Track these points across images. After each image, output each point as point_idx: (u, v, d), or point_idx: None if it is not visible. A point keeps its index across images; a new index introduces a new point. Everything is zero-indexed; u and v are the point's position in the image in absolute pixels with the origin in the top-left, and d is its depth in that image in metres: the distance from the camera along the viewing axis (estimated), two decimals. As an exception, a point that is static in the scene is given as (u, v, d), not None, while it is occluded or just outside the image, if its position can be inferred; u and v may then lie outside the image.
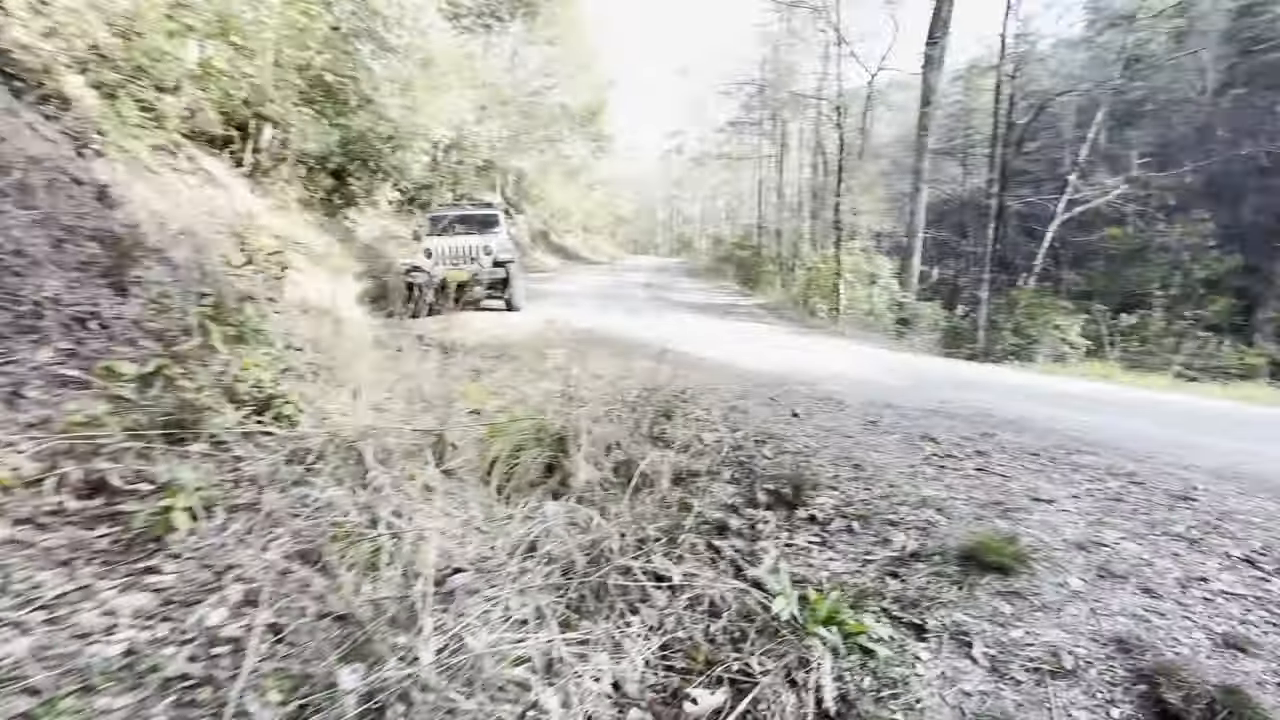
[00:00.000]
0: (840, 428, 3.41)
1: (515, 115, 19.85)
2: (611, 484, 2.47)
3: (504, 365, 5.59)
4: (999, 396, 4.68)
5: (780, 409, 3.91)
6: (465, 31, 19.50)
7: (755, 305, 14.68)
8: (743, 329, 9.61)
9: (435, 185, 20.23)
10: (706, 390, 4.44)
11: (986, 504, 2.23)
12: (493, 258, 9.78)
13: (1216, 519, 2.22)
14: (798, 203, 25.61)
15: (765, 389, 4.53)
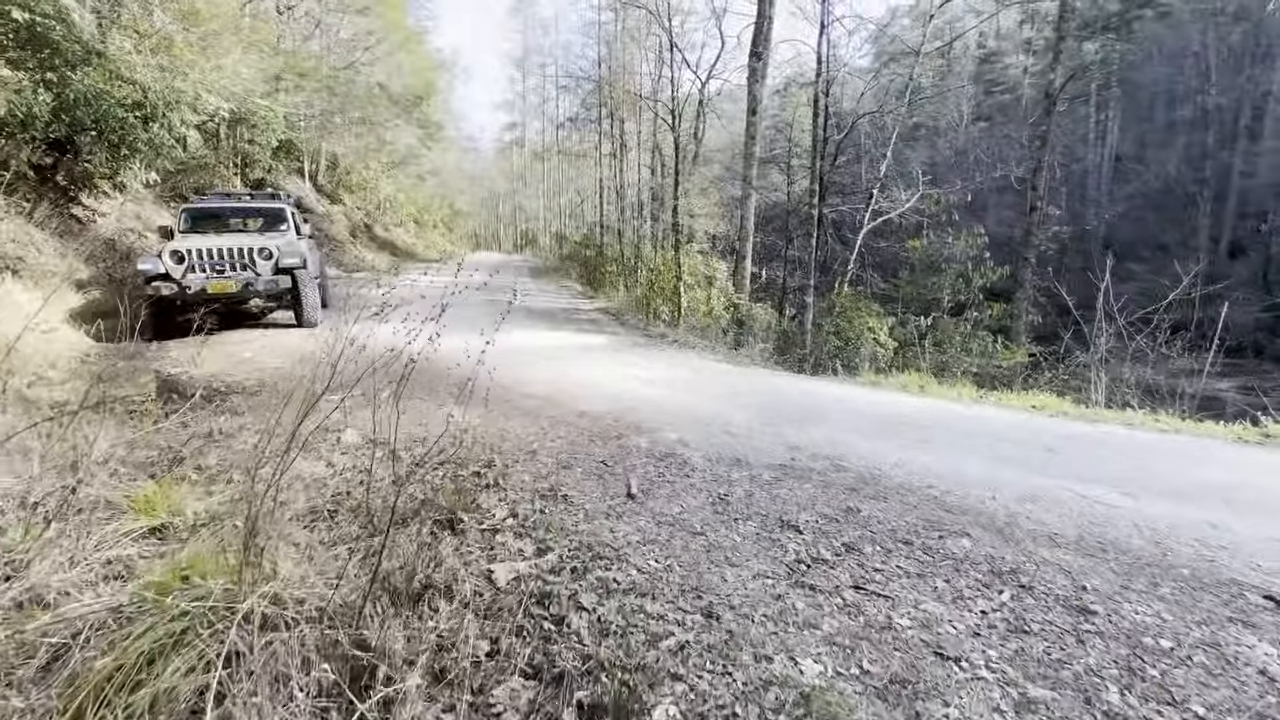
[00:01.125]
0: (686, 517, 2.65)
1: (321, 91, 16.96)
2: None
3: (257, 417, 4.11)
4: (842, 430, 4.31)
5: (613, 483, 3.07)
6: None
7: (598, 310, 13.96)
8: (582, 342, 8.76)
9: (214, 166, 16.69)
10: (522, 455, 3.46)
11: (886, 685, 1.55)
12: (274, 263, 7.81)
13: (1129, 651, 1.77)
14: (638, 203, 25.47)
15: (598, 445, 3.68)
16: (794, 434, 4.15)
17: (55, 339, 6.70)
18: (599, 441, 3.75)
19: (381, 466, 3.11)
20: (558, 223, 38.15)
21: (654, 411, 4.59)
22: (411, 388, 5.24)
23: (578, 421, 4.20)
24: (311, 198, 22.35)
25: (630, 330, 10.79)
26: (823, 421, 4.55)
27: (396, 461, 3.21)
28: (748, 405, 4.98)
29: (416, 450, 3.41)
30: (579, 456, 3.45)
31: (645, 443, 3.77)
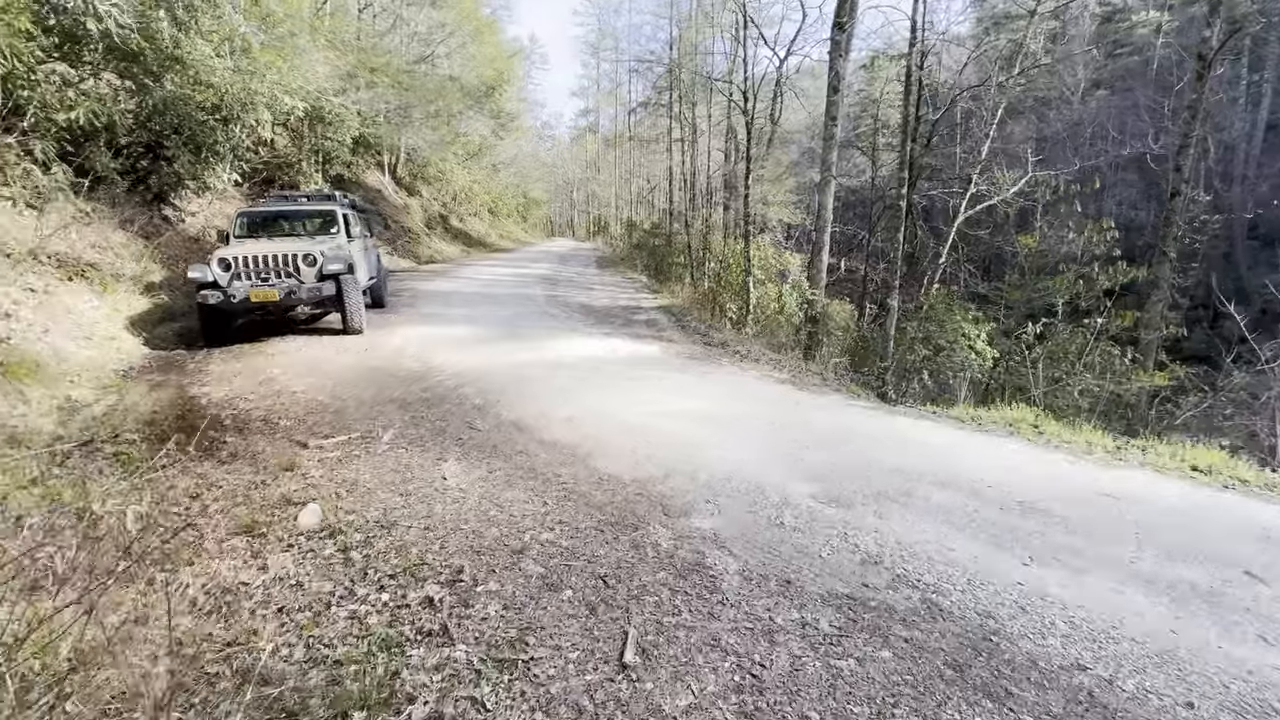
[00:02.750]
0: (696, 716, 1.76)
1: (392, 86, 16.91)
2: None
3: (234, 471, 3.55)
4: (936, 521, 3.21)
5: (606, 628, 2.19)
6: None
7: (659, 308, 13.04)
8: (633, 353, 7.90)
9: (298, 163, 17.08)
10: (505, 557, 2.65)
11: None
12: (318, 270, 7.47)
13: None
14: (709, 190, 24.15)
15: (606, 541, 2.79)
16: (870, 525, 3.11)
17: (111, 348, 6.67)
18: (610, 534, 2.89)
19: (321, 578, 2.39)
20: (628, 210, 37.35)
21: (692, 473, 3.67)
22: (419, 423, 4.62)
23: (593, 494, 3.34)
24: (390, 190, 22.72)
25: (689, 336, 9.81)
26: (910, 500, 3.46)
27: (347, 563, 2.49)
28: (813, 465, 3.95)
29: (376, 544, 2.69)
30: (576, 565, 2.60)
31: (669, 538, 2.87)
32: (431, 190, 26.01)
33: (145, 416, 4.60)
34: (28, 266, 6.85)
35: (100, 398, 5.21)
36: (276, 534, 2.77)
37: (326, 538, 2.72)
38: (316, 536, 2.73)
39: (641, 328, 10.22)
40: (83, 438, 4.03)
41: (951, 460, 4.19)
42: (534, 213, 42.05)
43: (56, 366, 5.55)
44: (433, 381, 5.64)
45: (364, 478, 3.39)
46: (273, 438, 4.08)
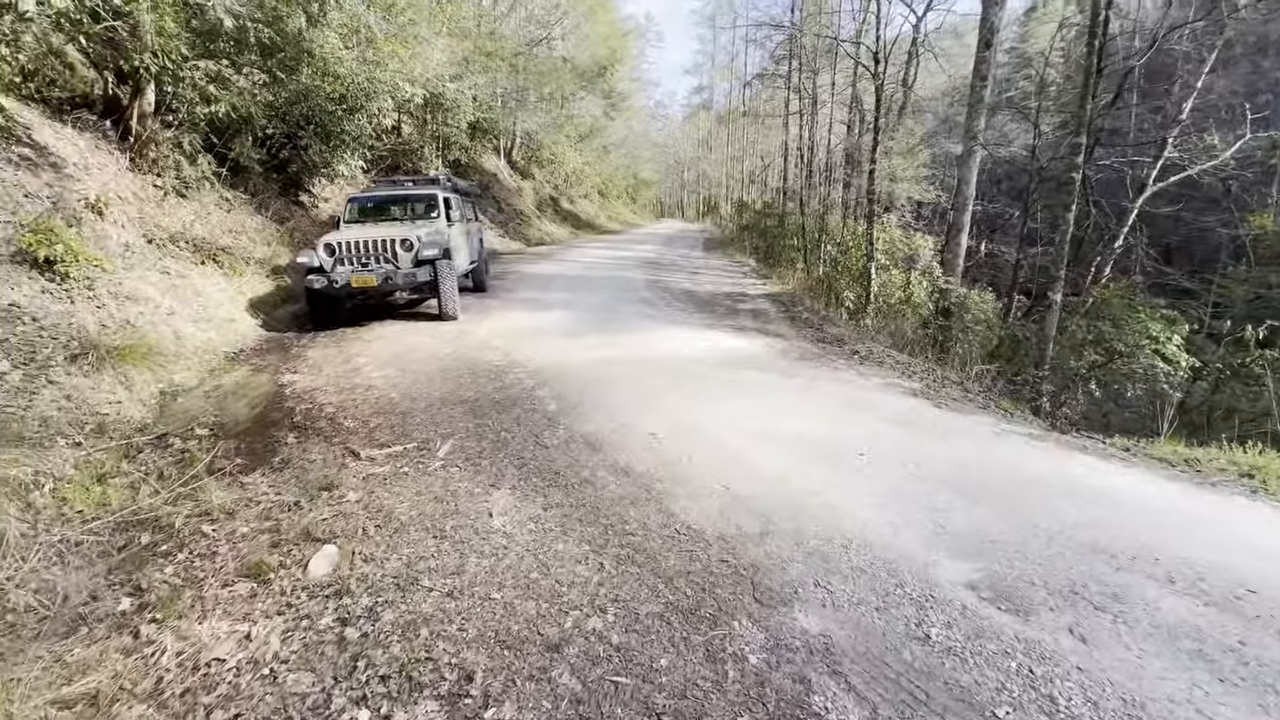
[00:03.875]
0: None
1: (506, 69, 16.88)
2: None
3: (282, 481, 3.20)
4: (1200, 674, 2.09)
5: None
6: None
7: (768, 296, 11.89)
8: (735, 350, 6.98)
9: (420, 149, 17.69)
10: (534, 656, 1.97)
11: None
12: (414, 255, 7.31)
13: None
14: (828, 167, 22.07)
15: (676, 642, 1.98)
16: (1069, 658, 2.06)
17: (229, 330, 6.96)
18: (679, 629, 2.11)
19: (300, 667, 1.85)
20: (739, 190, 35.63)
21: (797, 532, 2.78)
22: (483, 433, 4.08)
23: (664, 556, 2.57)
24: (504, 174, 23.13)
25: (800, 330, 8.67)
26: (1124, 607, 2.33)
27: (340, 644, 1.94)
28: (966, 531, 2.89)
29: (383, 615, 2.12)
30: (625, 685, 1.84)
31: (760, 648, 2.03)
32: (544, 173, 26.25)
33: (226, 408, 4.51)
34: (168, 251, 7.29)
35: (202, 382, 5.29)
36: (281, 583, 2.30)
37: (330, 598, 2.20)
38: (321, 594, 2.22)
39: (746, 319, 9.22)
40: (159, 430, 3.95)
41: (1173, 535, 2.92)
42: (643, 194, 41.51)
43: (174, 347, 5.76)
44: (510, 380, 5.14)
45: (401, 508, 2.88)
46: (330, 443, 3.73)
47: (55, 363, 4.37)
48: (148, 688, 1.82)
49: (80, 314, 5.14)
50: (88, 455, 3.40)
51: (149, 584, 2.35)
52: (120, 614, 2.20)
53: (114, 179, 7.41)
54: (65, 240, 5.29)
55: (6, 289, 4.78)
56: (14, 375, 4.04)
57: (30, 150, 6.27)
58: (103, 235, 6.41)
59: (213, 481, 3.05)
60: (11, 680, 1.82)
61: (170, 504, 2.94)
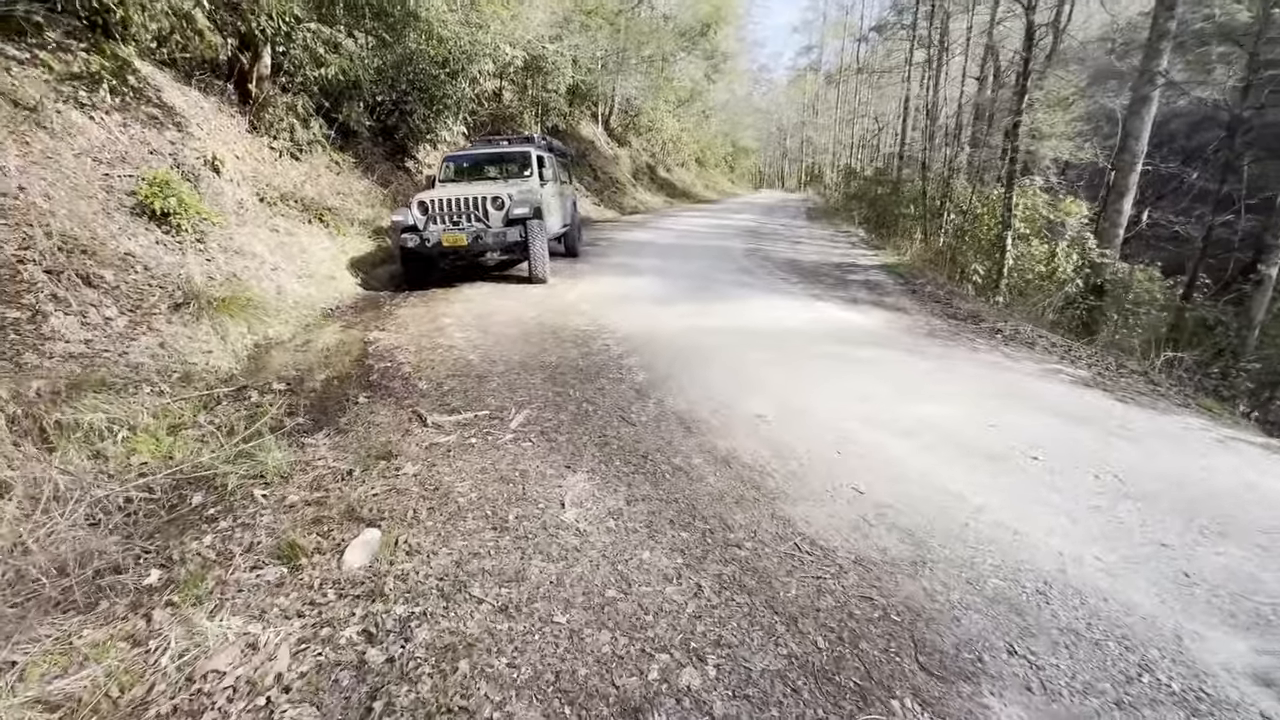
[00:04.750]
0: None
1: (605, 29, 16.21)
2: None
3: (343, 445, 2.87)
4: None
5: None
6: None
7: (881, 267, 10.58)
8: (848, 324, 6.05)
9: (519, 114, 17.56)
10: None
11: None
12: (505, 213, 6.96)
13: None
14: (954, 126, 19.55)
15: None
16: None
17: (329, 287, 7.01)
18: (812, 701, 1.45)
19: (301, 699, 1.40)
20: (847, 156, 32.92)
21: (970, 566, 2.01)
22: (562, 403, 3.57)
23: (784, 585, 1.90)
24: (601, 142, 22.67)
25: (924, 304, 7.49)
26: None
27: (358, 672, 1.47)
28: (1220, 584, 1.99)
29: (416, 635, 1.64)
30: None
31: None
32: (641, 141, 25.51)
33: (310, 364, 4.35)
34: (278, 210, 7.44)
35: (294, 336, 5.23)
36: (311, 573, 1.89)
37: (361, 599, 1.76)
38: (351, 593, 1.79)
39: (859, 290, 8.13)
40: (240, 383, 3.81)
41: None
42: (742, 163, 39.60)
43: (274, 302, 5.79)
44: (596, 346, 4.62)
45: (461, 488, 2.42)
46: (400, 404, 3.38)
47: (159, 311, 4.40)
48: (136, 697, 1.45)
49: (190, 265, 5.23)
50: (167, 405, 3.27)
51: (183, 555, 2.04)
52: (145, 589, 1.89)
53: (234, 140, 7.64)
54: (179, 194, 5.37)
55: (125, 239, 4.89)
56: (119, 321, 4.07)
57: (158, 110, 6.49)
58: (219, 192, 6.58)
59: (274, 441, 2.76)
60: (5, 664, 1.52)
61: (230, 461, 2.68)
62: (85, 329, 3.77)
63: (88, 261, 4.34)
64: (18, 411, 2.64)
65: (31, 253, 3.93)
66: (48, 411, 2.70)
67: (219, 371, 4.00)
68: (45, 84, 5.44)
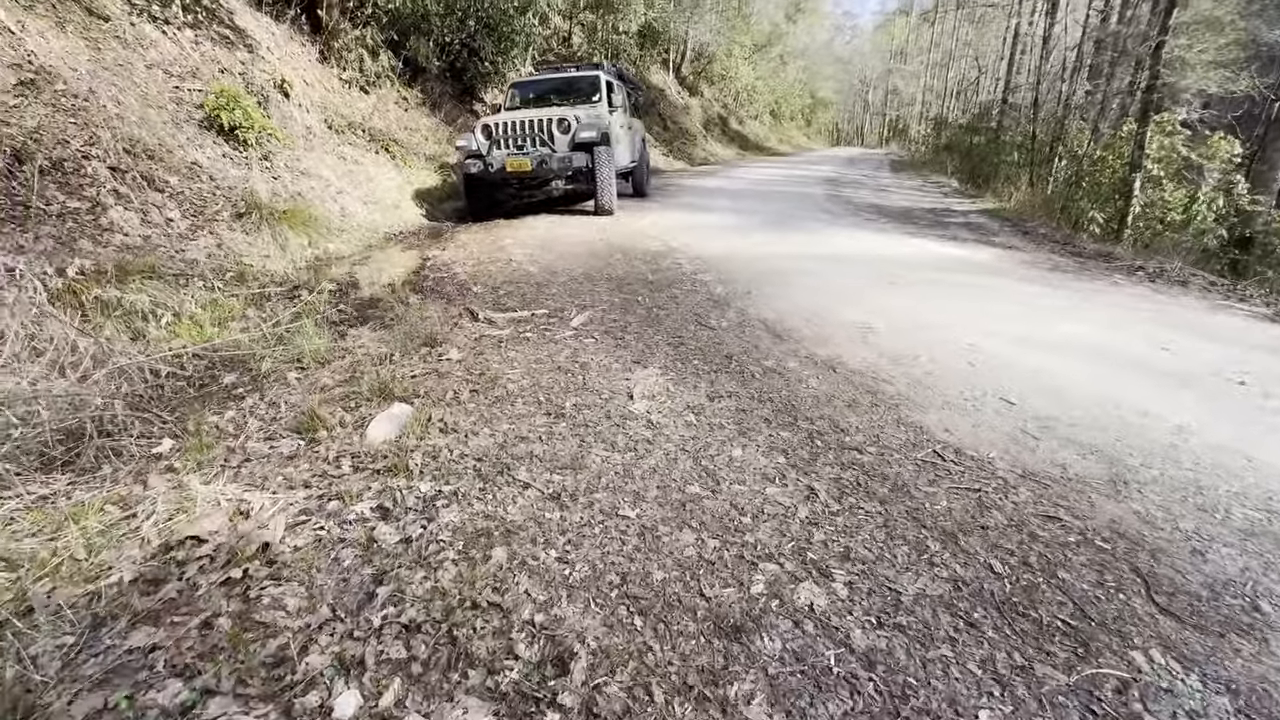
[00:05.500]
0: None
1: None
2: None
3: (387, 336, 2.57)
4: None
5: None
6: None
7: (982, 212, 9.41)
8: (949, 256, 5.25)
9: (588, 56, 16.87)
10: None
11: None
12: (570, 138, 6.48)
13: None
14: (1073, 62, 17.14)
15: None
16: None
17: (393, 215, 6.84)
18: (1001, 640, 0.97)
19: (292, 583, 1.04)
20: (938, 106, 30.05)
21: (1185, 485, 1.43)
22: (630, 307, 3.07)
23: (925, 491, 1.40)
24: (672, 90, 21.62)
25: (1040, 245, 6.48)
26: None
27: (366, 552, 1.11)
28: None
29: (441, 516, 1.26)
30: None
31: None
32: (713, 90, 24.20)
33: (366, 273, 4.11)
34: (345, 138, 7.30)
35: (355, 252, 5.05)
36: (329, 446, 1.56)
37: (379, 474, 1.40)
38: (369, 467, 1.43)
39: (960, 230, 7.17)
40: (293, 283, 3.60)
41: None
42: (819, 116, 37.06)
43: (338, 222, 5.63)
44: (667, 264, 4.12)
45: (511, 375, 2.03)
46: (450, 303, 3.05)
47: (220, 218, 4.27)
48: (102, 561, 1.15)
49: (255, 180, 5.11)
50: (217, 299, 3.07)
51: (199, 426, 1.76)
52: (153, 456, 1.62)
53: (304, 67, 7.51)
54: (245, 108, 5.22)
55: (192, 149, 4.79)
56: (181, 224, 3.95)
57: (229, 31, 6.38)
58: (287, 116, 6.46)
59: (313, 327, 2.47)
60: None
61: (268, 345, 2.42)
62: (145, 225, 3.66)
63: (153, 166, 4.25)
64: (58, 285, 2.48)
65: (97, 149, 3.85)
66: (88, 288, 2.53)
67: (274, 275, 3.82)
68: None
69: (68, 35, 4.54)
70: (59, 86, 4.10)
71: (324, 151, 6.67)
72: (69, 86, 4.17)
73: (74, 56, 4.42)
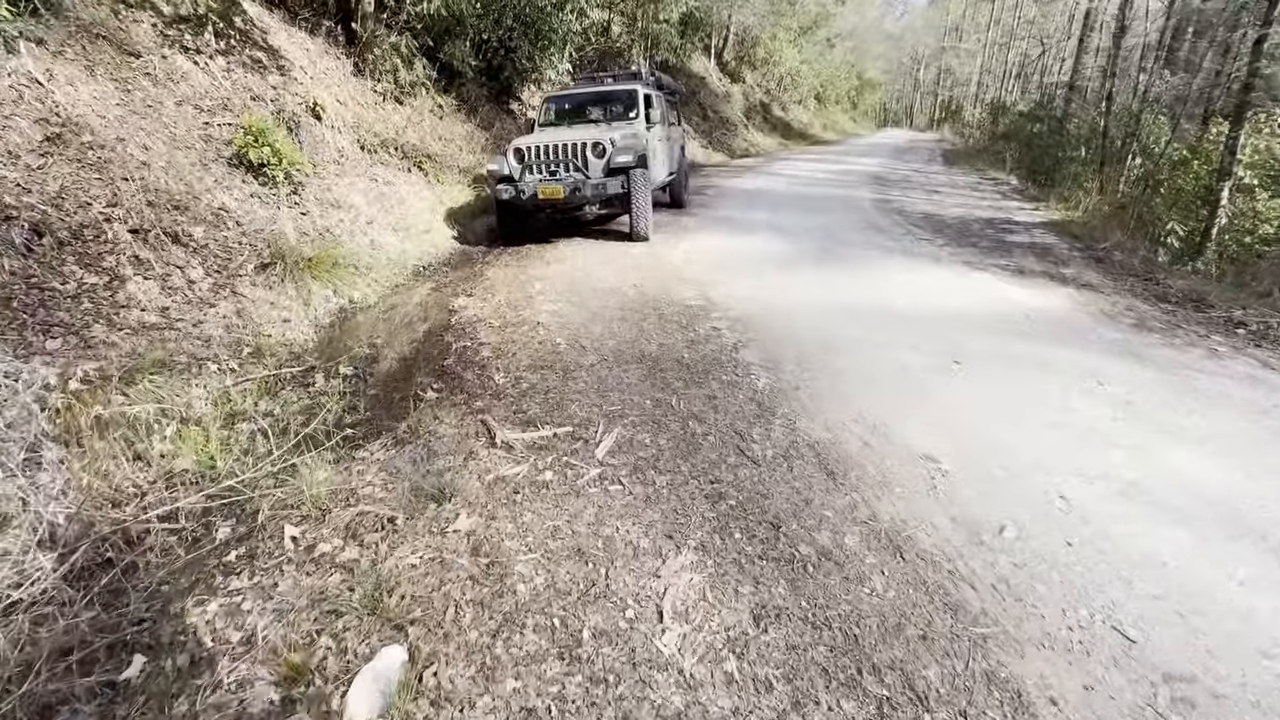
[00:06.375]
0: None
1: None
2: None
3: (405, 470, 2.33)
4: None
5: None
6: None
7: (1046, 225, 8.60)
8: (1022, 309, 4.68)
9: (628, 49, 16.23)
10: None
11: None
12: (606, 162, 6.09)
13: None
14: (1156, 44, 15.54)
15: None
16: None
17: (424, 242, 6.61)
18: None
19: None
20: (997, 88, 28.04)
21: None
22: (662, 419, 2.73)
23: None
24: (713, 78, 20.73)
25: (1118, 279, 5.78)
26: None
27: None
28: None
29: None
30: None
31: None
32: (755, 75, 23.12)
33: (388, 334, 3.88)
34: (378, 158, 7.09)
35: (381, 300, 4.83)
36: (300, 716, 1.30)
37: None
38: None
39: (1026, 256, 6.50)
40: (309, 362, 3.40)
41: None
42: (866, 98, 35.15)
43: (367, 258, 5.44)
44: (704, 330, 3.76)
45: (523, 566, 1.74)
46: (470, 405, 2.78)
47: (244, 273, 4.10)
48: None
49: (282, 219, 4.94)
50: (229, 387, 2.88)
51: (175, 635, 1.54)
52: (121, 686, 1.40)
53: (338, 83, 7.29)
54: (273, 143, 5.03)
55: (220, 191, 4.64)
56: (203, 284, 3.79)
57: (263, 54, 6.18)
58: (319, 139, 6.26)
59: (316, 459, 2.24)
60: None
61: (272, 475, 2.20)
62: (165, 294, 3.50)
63: (179, 218, 4.09)
64: (58, 404, 2.31)
65: (119, 209, 3.71)
66: (89, 404, 2.35)
67: (293, 345, 3.63)
68: (153, 28, 5.23)
69: (97, 79, 4.39)
70: (86, 138, 3.96)
71: (355, 175, 6.47)
72: (96, 137, 4.03)
73: (103, 102, 4.28)
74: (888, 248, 6.63)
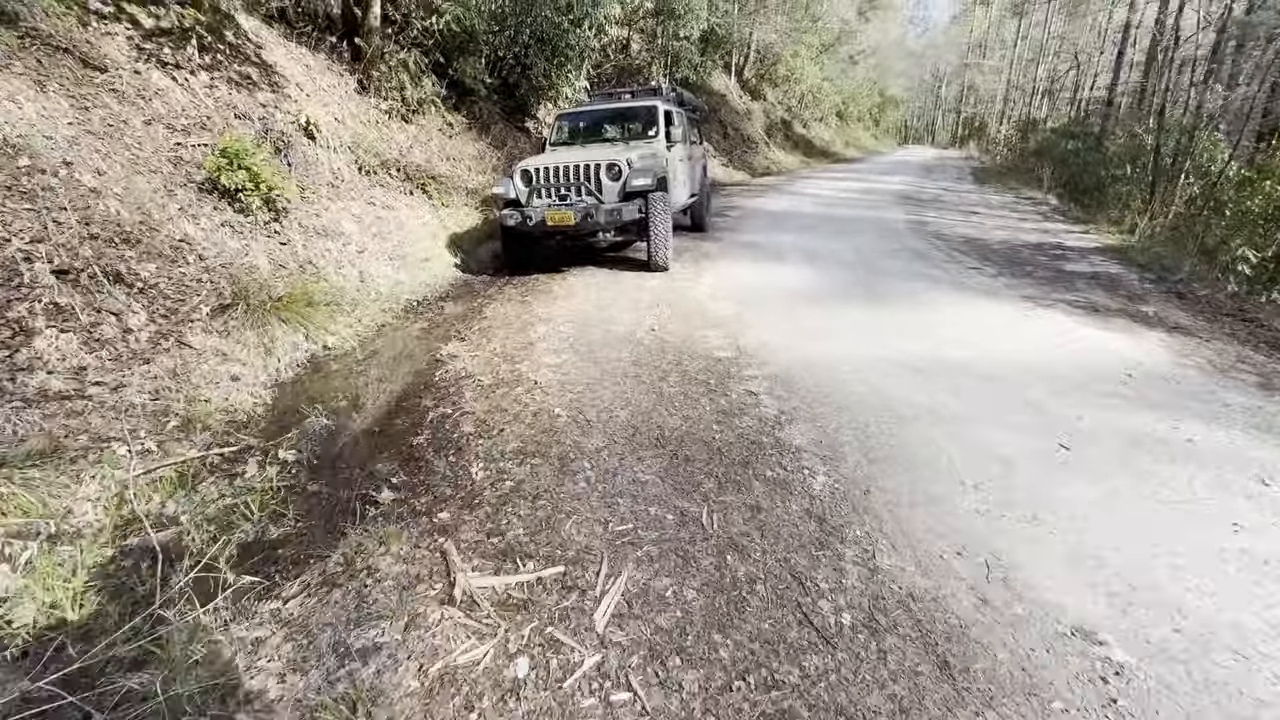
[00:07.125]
0: None
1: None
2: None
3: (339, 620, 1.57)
4: None
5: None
6: None
7: (1103, 250, 7.72)
8: (1119, 365, 3.86)
9: (647, 66, 15.70)
10: None
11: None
12: (621, 185, 5.42)
13: None
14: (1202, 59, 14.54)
15: None
16: None
17: (420, 272, 5.97)
18: None
19: None
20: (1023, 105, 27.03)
21: None
22: (691, 555, 1.82)
23: None
24: (734, 95, 20.15)
25: (1210, 319, 4.90)
26: None
27: None
28: None
29: None
30: None
31: None
32: (776, 93, 22.49)
33: (353, 397, 3.21)
34: (377, 180, 6.51)
35: (361, 345, 4.17)
36: None
37: None
38: None
39: (1091, 289, 5.65)
40: (244, 441, 2.72)
41: None
42: (888, 115, 34.29)
43: (354, 292, 4.81)
44: (738, 395, 3.01)
45: None
46: (434, 516, 2.06)
47: (197, 317, 3.47)
48: None
49: (256, 252, 4.33)
50: (127, 484, 2.21)
51: None
52: None
53: (339, 101, 6.76)
54: (249, 165, 4.44)
55: (184, 221, 4.04)
56: (142, 335, 3.16)
57: (254, 69, 5.65)
58: (312, 160, 5.70)
59: (211, 619, 1.54)
60: None
61: (130, 640, 1.50)
62: (87, 348, 2.88)
63: (126, 253, 3.49)
64: None
65: (45, 246, 3.11)
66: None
67: (236, 412, 2.96)
68: (128, 40, 4.72)
69: (48, 96, 3.83)
70: (22, 162, 3.38)
71: (350, 199, 5.89)
72: (36, 161, 3.45)
73: (51, 121, 3.71)
74: (933, 277, 5.84)
